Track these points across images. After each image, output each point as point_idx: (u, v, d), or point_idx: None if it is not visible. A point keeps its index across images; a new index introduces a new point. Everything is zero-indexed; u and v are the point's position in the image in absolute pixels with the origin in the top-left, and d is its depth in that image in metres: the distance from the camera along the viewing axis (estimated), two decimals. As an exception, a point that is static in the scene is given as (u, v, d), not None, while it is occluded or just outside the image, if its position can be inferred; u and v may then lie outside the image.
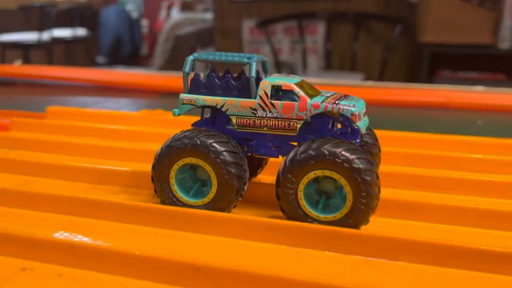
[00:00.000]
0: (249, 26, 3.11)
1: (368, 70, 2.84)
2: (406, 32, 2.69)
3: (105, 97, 1.44)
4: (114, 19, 4.29)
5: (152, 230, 0.61)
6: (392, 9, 2.79)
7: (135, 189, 0.74)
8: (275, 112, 0.61)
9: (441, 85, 1.64)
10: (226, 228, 0.60)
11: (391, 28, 2.72)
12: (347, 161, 0.55)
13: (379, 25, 2.84)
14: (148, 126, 1.01)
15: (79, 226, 0.62)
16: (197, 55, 0.65)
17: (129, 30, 4.40)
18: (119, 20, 4.31)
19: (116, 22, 4.29)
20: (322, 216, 0.58)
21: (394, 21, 2.72)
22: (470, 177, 0.74)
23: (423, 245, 0.55)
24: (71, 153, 0.88)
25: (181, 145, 0.61)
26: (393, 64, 2.81)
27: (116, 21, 4.29)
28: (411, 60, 2.82)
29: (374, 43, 2.88)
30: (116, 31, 4.28)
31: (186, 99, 0.64)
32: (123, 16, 4.36)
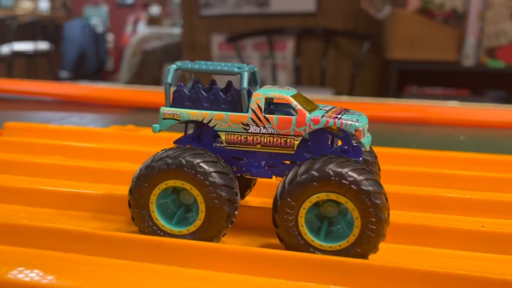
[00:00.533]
0: (219, 41, 3.06)
1: (337, 85, 2.84)
2: (374, 49, 2.71)
3: (70, 113, 1.34)
4: (79, 33, 4.16)
5: (129, 265, 0.53)
6: (360, 26, 2.80)
7: (108, 215, 0.66)
8: (270, 128, 0.55)
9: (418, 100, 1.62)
10: (216, 260, 0.52)
11: (360, 45, 2.73)
12: (355, 182, 0.49)
13: (347, 42, 2.85)
14: (119, 144, 0.93)
15: (41, 262, 0.53)
16: (180, 63, 0.58)
17: (94, 44, 4.27)
18: (83, 34, 4.17)
19: (80, 36, 4.15)
20: (326, 245, 0.52)
21: (362, 37, 2.73)
22: (471, 196, 0.69)
23: (438, 276, 0.49)
24: (32, 174, 0.78)
25: (164, 166, 0.53)
26: (362, 80, 2.82)
27: (81, 35, 4.16)
28: (379, 75, 2.84)
29: (343, 59, 2.88)
30: (80, 45, 4.15)
31: (168, 113, 0.57)
32: (87, 30, 4.23)
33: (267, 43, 2.93)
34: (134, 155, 0.85)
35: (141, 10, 4.88)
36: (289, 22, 2.92)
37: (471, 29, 2.44)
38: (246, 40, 3.00)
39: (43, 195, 0.68)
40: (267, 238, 0.59)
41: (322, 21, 2.87)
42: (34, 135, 0.95)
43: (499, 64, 2.41)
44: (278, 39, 2.97)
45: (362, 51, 2.70)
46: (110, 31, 4.87)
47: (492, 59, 2.45)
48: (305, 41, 2.94)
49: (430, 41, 2.46)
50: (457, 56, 2.43)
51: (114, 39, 4.86)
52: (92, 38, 4.31)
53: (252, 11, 2.98)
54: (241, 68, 0.56)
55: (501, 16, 2.57)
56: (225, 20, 3.05)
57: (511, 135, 1.24)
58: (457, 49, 2.44)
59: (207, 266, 0.52)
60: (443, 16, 2.57)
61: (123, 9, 5.00)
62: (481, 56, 2.45)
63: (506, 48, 2.47)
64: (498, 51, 2.47)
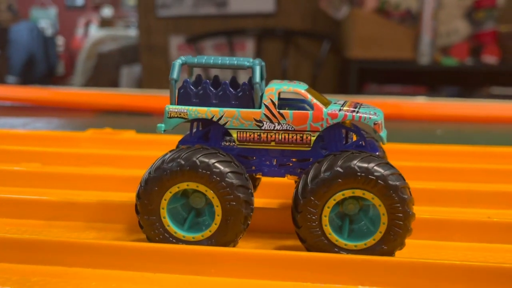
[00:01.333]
0: (178, 42, 2.99)
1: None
2: (333, 48, 2.74)
3: (34, 118, 1.25)
4: (26, 36, 3.95)
5: (141, 276, 0.49)
6: (319, 26, 2.83)
7: (104, 224, 0.61)
8: (285, 124, 0.52)
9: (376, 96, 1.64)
10: (235, 266, 0.49)
11: (319, 44, 2.75)
12: (382, 177, 0.47)
13: (307, 42, 2.86)
14: (99, 148, 0.87)
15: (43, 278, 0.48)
16: (185, 58, 0.54)
17: (43, 48, 4.07)
18: (31, 37, 3.97)
19: (28, 39, 3.94)
20: (351, 244, 0.49)
21: (321, 37, 2.76)
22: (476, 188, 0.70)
23: (466, 269, 0.48)
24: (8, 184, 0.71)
25: (176, 167, 0.49)
26: (323, 79, 2.84)
27: (28, 38, 3.95)
28: (339, 74, 2.87)
29: (303, 59, 2.90)
30: (28, 49, 3.94)
31: (175, 112, 0.53)
32: (36, 33, 4.02)
33: (227, 44, 2.89)
34: (117, 159, 0.80)
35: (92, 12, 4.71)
36: (249, 23, 2.91)
37: (425, 29, 2.51)
38: (206, 41, 2.95)
39: (29, 205, 0.62)
40: (279, 240, 0.56)
41: (281, 21, 2.87)
42: (5, 141, 0.87)
43: (453, 61, 2.49)
44: (238, 40, 2.94)
45: (322, 51, 2.73)
46: (59, 34, 4.67)
47: (446, 57, 2.53)
48: (265, 42, 2.93)
49: (388, 40, 2.52)
50: (413, 54, 2.49)
51: (64, 42, 4.67)
52: (41, 42, 4.11)
53: (210, 11, 2.94)
54: (252, 62, 0.53)
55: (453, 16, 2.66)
56: (183, 21, 2.99)
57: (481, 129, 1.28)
58: (413, 47, 2.50)
59: (227, 273, 0.49)
60: (399, 16, 2.63)
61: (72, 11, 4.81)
62: (435, 54, 2.53)
63: (458, 46, 2.55)
64: (452, 49, 2.56)
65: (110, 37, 3.43)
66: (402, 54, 2.52)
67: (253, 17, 2.92)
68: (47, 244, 0.50)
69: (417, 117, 1.32)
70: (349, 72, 2.63)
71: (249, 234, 0.58)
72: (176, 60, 0.53)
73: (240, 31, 2.90)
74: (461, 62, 2.47)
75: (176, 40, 2.99)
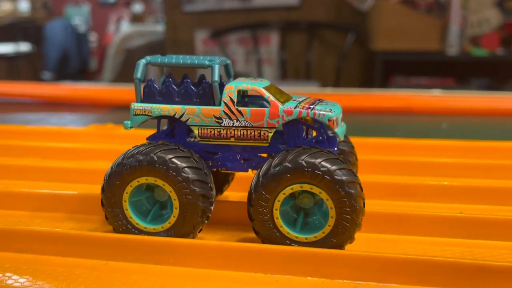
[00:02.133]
0: (202, 37, 3.03)
1: (322, 78, 2.84)
2: (358, 40, 2.71)
3: (49, 113, 1.32)
4: (60, 33, 4.09)
5: (104, 264, 0.52)
6: (344, 18, 2.80)
7: (84, 215, 0.65)
8: (243, 121, 0.54)
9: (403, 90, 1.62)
10: (192, 257, 0.51)
11: (344, 37, 2.73)
12: (328, 172, 0.49)
13: (331, 34, 2.84)
14: (98, 143, 0.91)
15: (15, 265, 0.52)
16: (150, 58, 0.57)
17: (76, 44, 4.21)
18: (65, 34, 4.11)
19: (62, 36, 4.08)
20: (302, 237, 0.51)
21: (346, 29, 2.73)
22: (449, 183, 0.69)
23: (415, 263, 0.48)
24: (6, 177, 0.77)
25: (135, 163, 0.52)
26: (347, 72, 2.82)
27: (62, 35, 4.09)
28: (365, 67, 2.84)
29: (327, 51, 2.88)
30: (62, 45, 4.08)
31: (139, 109, 0.56)
32: (69, 30, 4.16)
33: (251, 38, 2.91)
34: (112, 153, 0.84)
35: (124, 8, 4.83)
36: (273, 16, 2.91)
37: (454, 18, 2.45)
38: (230, 36, 2.98)
39: (17, 198, 0.67)
40: (244, 233, 0.59)
41: (305, 14, 2.86)
42: (11, 137, 0.93)
43: (483, 52, 2.42)
44: (262, 34, 2.95)
45: (347, 43, 2.70)
46: (92, 31, 4.81)
47: (475, 47, 2.46)
48: (289, 35, 2.93)
49: (414, 31, 2.47)
50: (441, 45, 2.44)
51: (97, 39, 4.81)
52: (74, 38, 4.25)
53: (235, 6, 2.96)
54: (212, 61, 0.55)
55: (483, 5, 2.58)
56: (208, 16, 3.02)
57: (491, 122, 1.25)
58: (441, 38, 2.45)
59: (183, 263, 0.51)
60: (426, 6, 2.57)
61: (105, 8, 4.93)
62: (464, 45, 2.46)
63: (489, 36, 2.48)
64: (482, 39, 2.48)
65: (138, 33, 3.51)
66: (429, 45, 2.47)
67: (277, 10, 2.92)
68: (20, 234, 0.54)
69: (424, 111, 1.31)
70: (374, 65, 2.60)
71: (216, 227, 0.60)
72: (140, 60, 0.56)
73: (264, 25, 2.91)
74: (492, 53, 2.40)
75: (201, 34, 3.03)
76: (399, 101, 1.36)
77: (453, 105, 1.32)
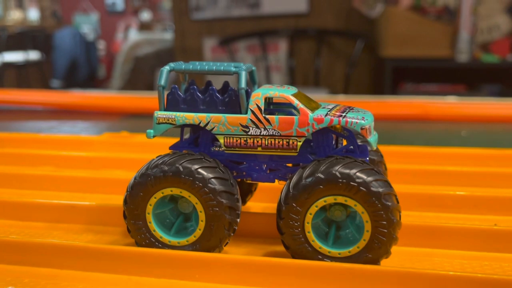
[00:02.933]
0: (211, 44, 3.03)
1: (331, 85, 2.82)
2: (367, 47, 2.69)
3: (61, 121, 1.30)
4: (69, 41, 4.10)
5: (128, 279, 0.50)
6: (353, 25, 2.78)
7: (103, 227, 0.62)
8: (271, 129, 0.52)
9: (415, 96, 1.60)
10: (219, 272, 0.49)
11: (353, 43, 2.71)
12: (364, 184, 0.46)
13: (340, 41, 2.83)
14: (113, 152, 0.89)
15: (33, 280, 0.50)
16: (173, 64, 0.55)
17: (85, 52, 4.22)
18: (74, 42, 4.12)
19: (71, 44, 4.10)
20: (335, 252, 0.49)
21: (355, 36, 2.71)
22: (479, 193, 0.67)
23: (455, 280, 0.46)
24: (22, 187, 0.75)
25: (160, 173, 0.50)
26: (356, 79, 2.80)
27: (71, 43, 4.11)
28: (374, 74, 2.82)
29: (336, 58, 2.86)
30: (71, 53, 4.09)
31: (163, 118, 0.54)
32: (78, 38, 4.18)
33: (259, 45, 2.90)
34: (129, 162, 0.82)
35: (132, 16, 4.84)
36: (281, 23, 2.90)
37: (464, 25, 2.43)
38: (239, 43, 2.97)
39: (34, 209, 0.65)
40: (271, 246, 0.56)
41: (314, 21, 2.85)
42: (23, 145, 0.91)
43: (494, 58, 2.40)
44: (270, 41, 2.94)
45: (356, 50, 2.68)
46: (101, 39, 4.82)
47: (486, 54, 2.43)
48: (298, 42, 2.92)
49: (424, 37, 2.45)
50: (451, 52, 2.42)
51: (105, 47, 4.82)
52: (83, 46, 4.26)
53: (243, 13, 2.96)
54: (238, 67, 0.53)
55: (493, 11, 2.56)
56: (217, 23, 3.02)
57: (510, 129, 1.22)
58: (451, 45, 2.43)
59: (210, 278, 0.49)
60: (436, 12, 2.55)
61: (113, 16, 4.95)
62: (475, 51, 2.44)
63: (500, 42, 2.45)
64: (492, 46, 2.46)
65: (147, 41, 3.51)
66: (439, 51, 2.44)
67: (286, 18, 2.91)
68: (38, 247, 0.52)
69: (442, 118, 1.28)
70: (383, 71, 2.58)
71: (241, 239, 0.58)
72: (164, 67, 0.54)
73: (273, 32, 2.90)
74: (503, 59, 2.38)
75: (209, 42, 3.03)
76: (415, 108, 1.33)
77: (471, 112, 1.29)
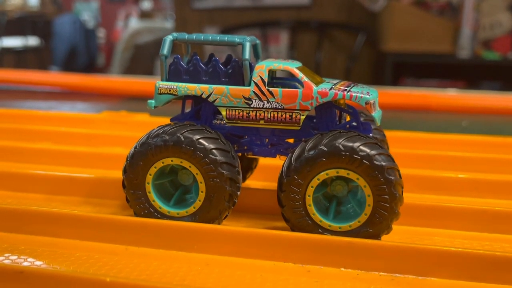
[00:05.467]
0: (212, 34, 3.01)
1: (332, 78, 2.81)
2: (369, 41, 2.68)
3: (60, 102, 1.29)
4: (69, 28, 4.08)
5: (125, 249, 0.49)
6: (355, 18, 2.77)
7: (101, 199, 0.62)
8: (274, 102, 0.51)
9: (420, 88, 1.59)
10: (218, 243, 0.48)
11: (354, 37, 2.70)
12: (367, 157, 0.46)
13: (342, 34, 2.81)
14: (111, 129, 0.89)
15: (30, 247, 0.49)
16: (176, 34, 0.54)
17: (84, 40, 4.20)
18: (74, 29, 4.10)
19: (70, 31, 4.08)
20: (336, 226, 0.48)
21: (356, 30, 2.70)
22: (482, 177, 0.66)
23: (456, 256, 0.45)
24: (20, 160, 0.74)
25: (160, 142, 0.49)
26: (357, 72, 2.79)
27: (71, 30, 4.08)
28: (375, 68, 2.81)
29: (337, 51, 2.85)
30: (71, 40, 4.07)
31: (164, 88, 0.53)
32: (78, 25, 4.15)
33: (260, 36, 2.88)
34: (128, 140, 0.81)
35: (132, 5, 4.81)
36: (283, 15, 2.88)
37: (466, 21, 2.42)
38: (240, 33, 2.96)
39: (32, 180, 0.64)
40: (270, 221, 0.56)
41: (316, 13, 2.83)
42: (22, 121, 0.90)
43: (495, 55, 2.39)
44: (272, 32, 2.93)
45: (357, 44, 2.67)
46: (101, 26, 4.80)
47: (487, 51, 2.43)
48: (299, 34, 2.90)
49: (426, 33, 2.44)
50: (453, 47, 2.41)
51: (105, 35, 4.79)
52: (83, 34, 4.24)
53: (245, 3, 2.94)
54: (242, 39, 0.52)
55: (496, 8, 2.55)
56: (218, 13, 3.00)
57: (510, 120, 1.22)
58: (453, 40, 2.42)
59: (209, 249, 0.48)
60: (438, 7, 2.54)
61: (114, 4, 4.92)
62: (476, 48, 2.43)
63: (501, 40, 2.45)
64: (494, 43, 2.45)
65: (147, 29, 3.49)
66: (440, 47, 2.44)
67: (288, 9, 2.89)
68: (35, 215, 0.51)
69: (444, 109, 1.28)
70: (384, 66, 2.58)
71: (241, 214, 0.58)
72: (167, 36, 0.53)
73: (274, 23, 2.89)
74: (504, 56, 2.37)
75: (210, 31, 3.01)
76: (417, 98, 1.33)
77: (472, 103, 1.29)
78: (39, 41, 4.12)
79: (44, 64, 4.05)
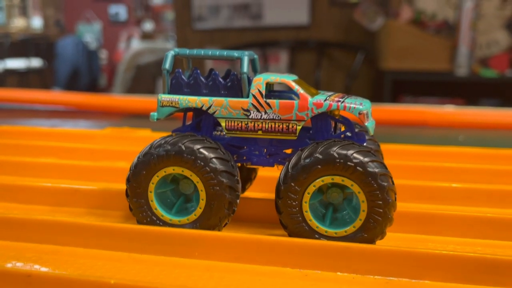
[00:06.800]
0: (212, 51, 3.06)
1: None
2: (367, 60, 2.72)
3: (63, 120, 1.32)
4: (71, 50, 4.14)
5: (128, 256, 0.51)
6: (353, 37, 2.82)
7: (104, 210, 0.64)
8: (271, 113, 0.53)
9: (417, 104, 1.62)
10: (218, 250, 0.50)
11: (353, 56, 2.74)
12: (360, 164, 0.48)
13: (341, 53, 2.86)
14: (115, 145, 0.91)
15: (36, 255, 0.51)
16: (178, 50, 0.56)
17: (87, 61, 4.26)
18: (76, 51, 4.16)
19: (73, 53, 4.14)
20: (332, 231, 0.50)
21: (355, 48, 2.75)
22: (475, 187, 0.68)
23: (449, 259, 0.47)
24: (23, 175, 0.76)
25: (163, 152, 0.51)
26: (356, 91, 2.82)
27: (74, 52, 4.15)
28: (374, 86, 2.85)
29: (336, 70, 2.89)
30: (73, 62, 4.13)
31: (166, 101, 0.55)
32: (80, 47, 4.22)
33: (261, 56, 2.93)
34: (131, 154, 0.83)
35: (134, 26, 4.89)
36: (283, 35, 2.94)
37: (463, 39, 2.46)
38: (240, 52, 3.00)
39: (37, 192, 0.66)
40: (269, 229, 0.57)
41: (315, 33, 2.89)
42: (28, 137, 0.93)
43: (492, 73, 2.43)
44: (271, 52, 2.97)
45: (356, 62, 2.72)
46: (103, 48, 4.87)
47: (485, 68, 2.46)
48: (299, 54, 2.95)
49: (423, 51, 2.48)
50: (450, 66, 2.45)
51: (107, 56, 4.86)
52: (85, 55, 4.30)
53: (245, 24, 3.00)
54: (241, 53, 0.55)
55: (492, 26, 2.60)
56: (219, 33, 3.06)
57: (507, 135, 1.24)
58: (450, 59, 2.46)
59: (209, 256, 0.50)
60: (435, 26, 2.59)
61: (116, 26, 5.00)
62: (473, 66, 2.47)
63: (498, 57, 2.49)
64: (491, 60, 2.49)
65: (149, 50, 3.54)
66: (438, 65, 2.47)
67: (287, 29, 2.95)
68: (40, 224, 0.53)
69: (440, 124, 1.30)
70: (383, 84, 2.61)
71: (241, 223, 0.59)
72: (169, 51, 0.56)
73: (274, 43, 2.94)
74: (501, 74, 2.41)
75: (211, 52, 3.06)
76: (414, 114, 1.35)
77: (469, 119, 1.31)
78: (42, 63, 4.18)
79: (46, 85, 4.11)
